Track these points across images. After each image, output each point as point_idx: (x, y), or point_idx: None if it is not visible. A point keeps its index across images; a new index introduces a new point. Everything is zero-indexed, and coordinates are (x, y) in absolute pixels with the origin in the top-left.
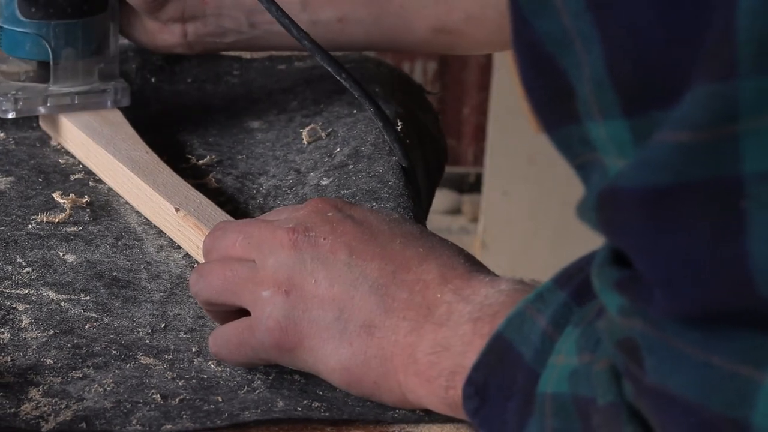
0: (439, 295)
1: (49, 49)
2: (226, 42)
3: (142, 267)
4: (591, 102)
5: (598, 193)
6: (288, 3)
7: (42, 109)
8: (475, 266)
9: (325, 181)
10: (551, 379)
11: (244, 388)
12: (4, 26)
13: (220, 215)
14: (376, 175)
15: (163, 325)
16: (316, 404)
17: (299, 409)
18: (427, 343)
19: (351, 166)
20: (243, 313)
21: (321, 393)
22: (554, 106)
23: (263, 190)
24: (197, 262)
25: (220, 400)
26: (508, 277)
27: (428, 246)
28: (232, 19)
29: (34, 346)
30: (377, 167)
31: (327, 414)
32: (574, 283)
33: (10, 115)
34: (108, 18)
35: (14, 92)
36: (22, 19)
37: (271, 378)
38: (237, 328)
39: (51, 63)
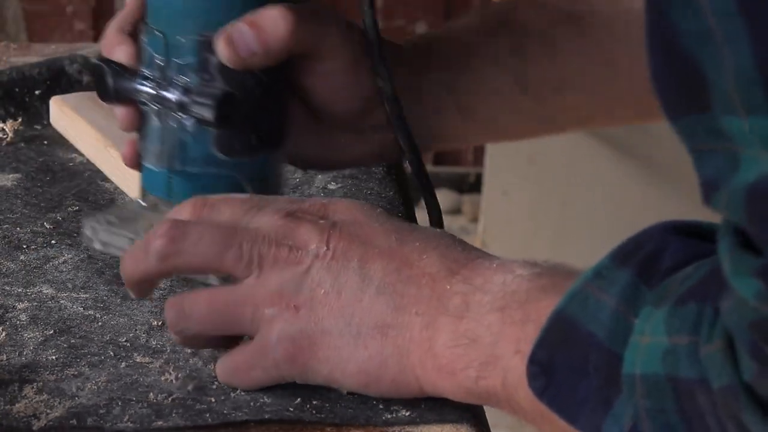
0: (448, 287)
1: (249, 190)
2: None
3: None
4: (733, 98)
5: (751, 185)
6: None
7: None
8: (474, 252)
9: (333, 186)
10: (639, 359)
11: (235, 389)
12: (188, 170)
13: None
14: (387, 197)
15: (160, 324)
16: (307, 405)
17: (291, 409)
18: (446, 336)
19: (361, 181)
20: (229, 338)
21: (312, 393)
22: (682, 96)
23: None
24: None
25: (213, 400)
26: (516, 260)
27: (422, 238)
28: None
29: (31, 345)
30: (388, 190)
31: (320, 415)
32: (637, 261)
33: None
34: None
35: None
36: (222, 158)
37: None
38: (245, 353)
39: None
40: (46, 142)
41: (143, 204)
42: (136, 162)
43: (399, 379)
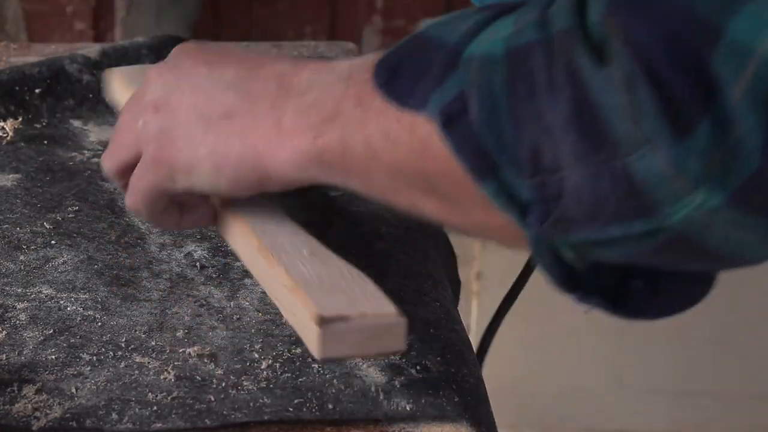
0: (295, 80)
1: None
2: None
3: (143, 265)
4: None
5: None
6: None
7: None
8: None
9: None
10: (482, 44)
11: (236, 388)
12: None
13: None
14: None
15: (160, 325)
16: (307, 404)
17: (290, 409)
18: (291, 111)
19: None
20: None
21: (312, 392)
22: None
23: None
24: (198, 263)
25: (212, 399)
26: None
27: (282, 55)
28: None
29: (31, 344)
30: None
31: (318, 414)
32: (502, 6)
33: None
34: None
35: None
36: None
37: (262, 378)
38: (135, 171)
39: None
40: (46, 142)
41: None
42: None
43: (242, 158)
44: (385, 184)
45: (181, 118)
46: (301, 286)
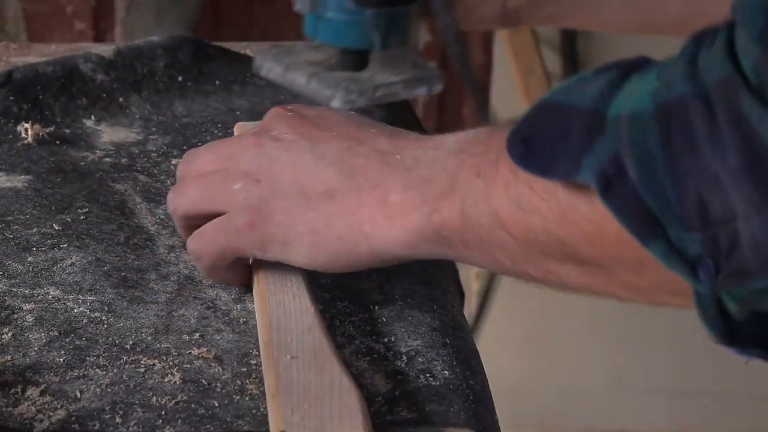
0: (398, 157)
1: (377, 38)
2: (542, 14)
3: (151, 267)
4: None
5: None
6: None
7: (367, 100)
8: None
9: None
10: (626, 102)
11: (240, 393)
12: (329, 16)
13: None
14: None
15: (166, 327)
16: None
17: None
18: (398, 187)
19: None
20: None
21: None
22: None
23: None
24: None
25: (216, 404)
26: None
27: (381, 127)
28: None
29: (36, 346)
30: None
31: None
32: (622, 65)
33: (338, 104)
34: (417, 5)
35: (345, 83)
36: (352, 8)
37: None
38: (213, 223)
39: (376, 52)
40: (58, 142)
41: (310, 44)
42: None
43: (346, 237)
44: (514, 254)
45: (282, 192)
46: (280, 395)
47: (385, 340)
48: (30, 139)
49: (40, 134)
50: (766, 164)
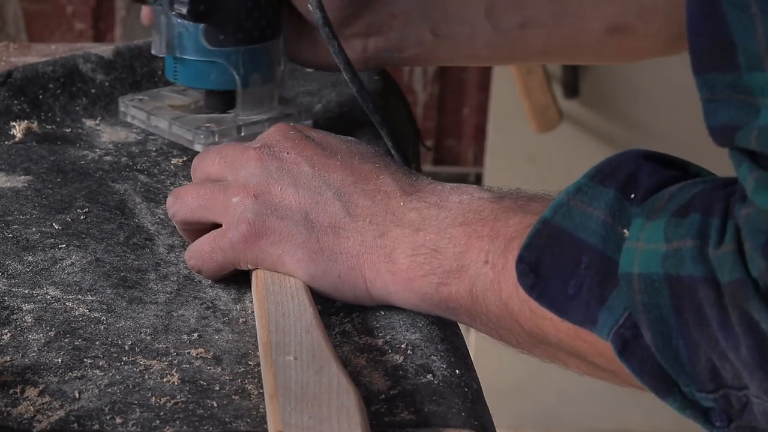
0: (402, 204)
1: (237, 77)
2: (404, 56)
3: (150, 267)
4: (762, 57)
5: None
6: (472, 10)
7: (231, 139)
8: (428, 180)
9: None
10: (636, 261)
11: (238, 393)
12: (185, 57)
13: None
14: None
15: (165, 327)
16: None
17: None
18: (405, 246)
19: None
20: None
21: None
22: (713, 54)
23: None
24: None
25: (215, 405)
26: (470, 185)
27: (382, 162)
28: (416, 31)
29: (35, 346)
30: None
31: None
32: (617, 180)
33: (199, 147)
34: (281, 41)
35: (207, 124)
36: (209, 48)
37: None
38: (210, 235)
39: (239, 91)
40: (59, 142)
41: (177, 89)
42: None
43: (346, 277)
44: (522, 340)
45: (282, 213)
46: (279, 396)
47: (383, 334)
48: (20, 135)
49: (31, 129)
50: None
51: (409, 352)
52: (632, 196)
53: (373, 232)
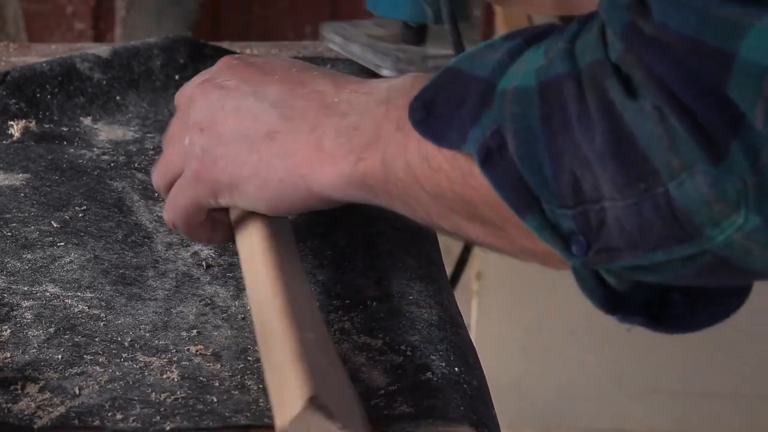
0: (336, 99)
1: (430, 12)
2: None
3: (149, 264)
4: None
5: None
6: None
7: (416, 69)
8: (367, 80)
9: None
10: (514, 77)
11: (238, 389)
12: None
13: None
14: None
15: (164, 324)
16: None
17: None
18: (331, 133)
19: None
20: None
21: None
22: None
23: None
24: (205, 262)
25: (215, 400)
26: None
27: (322, 71)
28: None
29: (35, 343)
30: None
31: None
32: (528, 33)
33: (387, 73)
34: None
35: (395, 51)
36: None
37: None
38: (175, 186)
39: (430, 25)
40: (56, 141)
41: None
42: None
43: (286, 180)
44: (428, 208)
45: (225, 138)
46: (305, 358)
47: (383, 335)
48: (17, 134)
49: (29, 128)
50: (629, 148)
51: (409, 350)
52: (537, 43)
53: (305, 128)
